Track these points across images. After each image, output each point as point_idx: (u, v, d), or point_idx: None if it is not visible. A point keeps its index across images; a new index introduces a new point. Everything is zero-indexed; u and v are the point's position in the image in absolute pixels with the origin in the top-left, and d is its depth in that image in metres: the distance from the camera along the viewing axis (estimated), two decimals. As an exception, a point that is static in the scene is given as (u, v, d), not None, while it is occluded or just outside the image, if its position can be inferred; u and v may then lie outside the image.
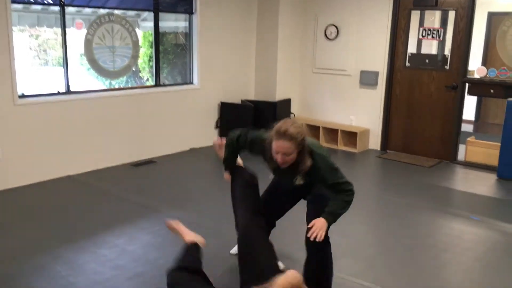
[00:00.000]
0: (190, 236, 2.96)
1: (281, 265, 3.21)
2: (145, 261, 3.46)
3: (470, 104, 7.64)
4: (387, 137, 6.99)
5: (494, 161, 5.89)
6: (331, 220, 2.72)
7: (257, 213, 2.92)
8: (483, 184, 5.55)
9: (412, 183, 5.57)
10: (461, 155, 6.46)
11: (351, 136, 6.97)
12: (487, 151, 6.17)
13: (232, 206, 3.09)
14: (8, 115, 4.83)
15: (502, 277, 3.43)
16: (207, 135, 6.93)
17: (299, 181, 2.80)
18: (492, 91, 6.04)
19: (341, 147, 7.03)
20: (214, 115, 6.99)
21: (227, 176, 3.23)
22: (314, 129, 7.24)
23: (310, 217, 2.86)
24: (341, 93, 7.22)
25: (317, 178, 2.75)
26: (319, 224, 2.68)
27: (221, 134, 7.02)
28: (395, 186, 5.47)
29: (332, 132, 7.21)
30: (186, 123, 6.63)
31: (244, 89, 7.41)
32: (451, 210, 4.70)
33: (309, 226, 2.71)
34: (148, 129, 6.17)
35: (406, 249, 3.84)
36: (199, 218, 4.28)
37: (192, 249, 2.84)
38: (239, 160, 3.29)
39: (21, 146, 4.98)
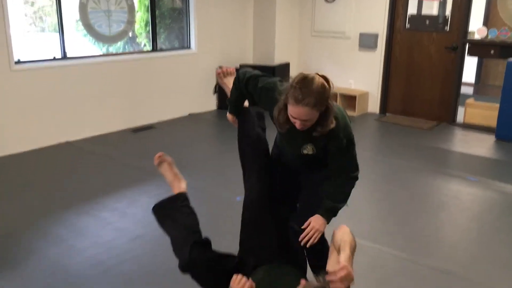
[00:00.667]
0: (182, 182, 2.66)
1: None
2: (145, 224, 3.50)
3: (470, 67, 7.59)
4: (386, 100, 6.96)
5: (492, 122, 5.89)
6: (330, 217, 2.28)
7: (268, 188, 2.48)
8: (481, 146, 5.57)
9: (411, 145, 5.58)
10: (460, 117, 6.46)
11: (350, 100, 6.94)
12: (485, 112, 6.17)
13: (240, 159, 2.68)
14: (5, 81, 4.81)
15: (499, 236, 3.48)
16: (205, 101, 6.91)
17: (308, 150, 2.26)
18: (492, 51, 5.99)
19: (340, 110, 7.00)
20: (212, 80, 6.94)
21: (231, 118, 2.68)
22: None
23: (303, 204, 2.49)
24: (340, 56, 7.15)
25: (331, 149, 2.23)
26: (317, 225, 2.21)
27: (219, 100, 7.00)
28: (394, 148, 5.49)
29: (331, 96, 7.16)
30: (184, 88, 6.60)
31: (242, 53, 7.34)
32: (449, 171, 4.73)
33: (303, 226, 2.22)
34: (147, 94, 6.15)
35: (404, 209, 3.88)
36: (199, 183, 4.30)
37: (185, 200, 2.56)
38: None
39: (19, 112, 4.97)
